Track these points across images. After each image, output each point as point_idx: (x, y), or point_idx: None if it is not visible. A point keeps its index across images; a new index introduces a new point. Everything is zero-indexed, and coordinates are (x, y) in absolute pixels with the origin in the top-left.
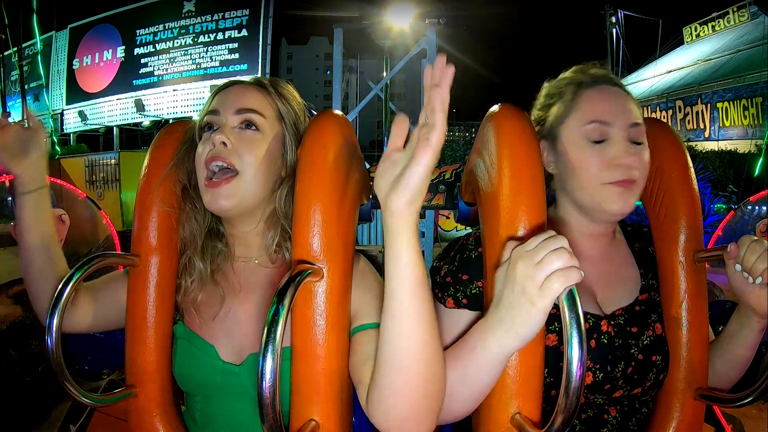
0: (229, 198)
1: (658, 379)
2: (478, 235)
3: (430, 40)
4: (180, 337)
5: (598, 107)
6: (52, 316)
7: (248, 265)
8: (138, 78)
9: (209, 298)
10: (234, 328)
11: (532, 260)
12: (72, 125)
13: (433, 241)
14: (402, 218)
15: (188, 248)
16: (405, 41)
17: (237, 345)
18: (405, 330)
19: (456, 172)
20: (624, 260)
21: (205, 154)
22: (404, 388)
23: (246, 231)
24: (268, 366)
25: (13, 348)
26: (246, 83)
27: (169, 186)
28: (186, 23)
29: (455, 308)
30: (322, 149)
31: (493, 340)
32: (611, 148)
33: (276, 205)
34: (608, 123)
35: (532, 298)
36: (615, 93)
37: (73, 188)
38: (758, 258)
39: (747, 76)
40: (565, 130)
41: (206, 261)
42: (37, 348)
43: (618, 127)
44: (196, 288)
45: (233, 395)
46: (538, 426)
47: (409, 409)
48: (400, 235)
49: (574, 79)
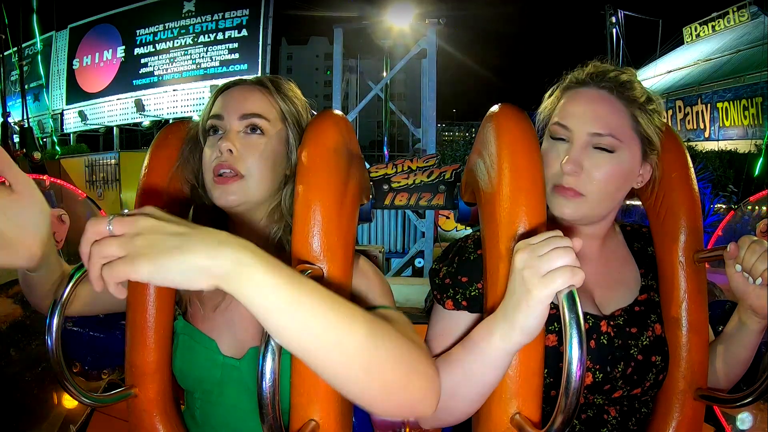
0: (237, 193)
1: (657, 380)
2: (477, 237)
3: (430, 40)
4: (180, 332)
5: (567, 109)
6: (52, 316)
7: None
8: (138, 78)
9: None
10: (235, 322)
11: (534, 252)
12: (72, 125)
13: (433, 242)
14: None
15: None
16: (405, 41)
17: (238, 339)
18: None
19: (456, 172)
20: (623, 261)
21: (212, 161)
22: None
23: (250, 225)
24: (268, 366)
25: (13, 348)
26: (248, 83)
27: (176, 185)
28: (186, 23)
29: (454, 310)
30: (322, 149)
31: (496, 335)
32: (563, 148)
33: (282, 202)
34: (567, 127)
35: (531, 288)
36: (592, 97)
37: (73, 188)
38: (758, 258)
39: (747, 76)
40: (547, 130)
41: None
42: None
43: (576, 133)
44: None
45: (233, 391)
46: (537, 426)
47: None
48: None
49: (563, 81)
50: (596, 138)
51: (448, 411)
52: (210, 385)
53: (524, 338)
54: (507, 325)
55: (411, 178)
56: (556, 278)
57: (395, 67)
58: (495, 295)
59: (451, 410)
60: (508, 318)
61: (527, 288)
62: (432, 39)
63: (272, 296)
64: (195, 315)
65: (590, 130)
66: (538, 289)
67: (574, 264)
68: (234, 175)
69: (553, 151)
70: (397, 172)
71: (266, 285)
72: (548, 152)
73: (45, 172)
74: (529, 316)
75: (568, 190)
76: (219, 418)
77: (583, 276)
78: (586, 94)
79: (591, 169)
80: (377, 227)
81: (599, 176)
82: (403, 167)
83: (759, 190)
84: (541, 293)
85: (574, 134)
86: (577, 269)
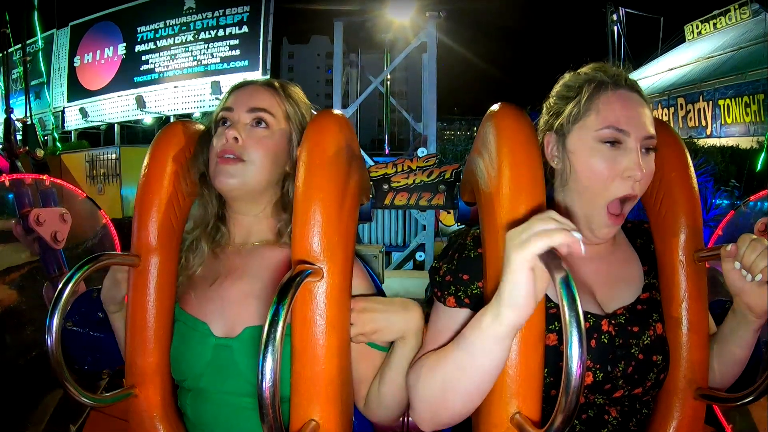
0: (235, 176)
1: (658, 379)
2: (476, 234)
3: (430, 33)
4: (176, 319)
5: (617, 112)
6: (52, 316)
7: (245, 247)
8: (139, 75)
9: (207, 272)
10: (227, 305)
11: (518, 229)
12: (73, 123)
13: (434, 235)
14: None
15: (197, 228)
16: (405, 35)
17: (229, 321)
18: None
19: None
20: (625, 259)
21: (218, 147)
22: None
23: (249, 216)
24: (268, 366)
25: (7, 333)
26: (258, 84)
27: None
28: (187, 20)
29: (456, 307)
30: (322, 149)
31: (488, 315)
32: (624, 157)
33: (283, 197)
34: (625, 131)
35: (509, 254)
36: (634, 100)
37: (73, 188)
38: (758, 255)
39: (749, 73)
40: (578, 130)
41: (209, 242)
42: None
43: (634, 138)
44: (197, 263)
45: (224, 376)
46: (537, 425)
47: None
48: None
49: (595, 77)
50: (648, 141)
51: (445, 408)
52: (199, 368)
53: (513, 313)
54: (496, 302)
55: (411, 177)
56: (533, 240)
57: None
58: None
59: (447, 407)
60: (497, 296)
61: (508, 255)
62: (432, 32)
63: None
64: (188, 300)
65: (646, 132)
66: (516, 252)
67: (551, 227)
68: (236, 159)
69: (605, 160)
70: (397, 171)
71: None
72: (599, 162)
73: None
74: (513, 285)
75: (634, 197)
76: (209, 414)
77: (565, 236)
78: (628, 97)
79: (645, 175)
80: (378, 220)
81: (647, 182)
82: (403, 167)
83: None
84: (519, 256)
85: (631, 138)
86: (557, 230)
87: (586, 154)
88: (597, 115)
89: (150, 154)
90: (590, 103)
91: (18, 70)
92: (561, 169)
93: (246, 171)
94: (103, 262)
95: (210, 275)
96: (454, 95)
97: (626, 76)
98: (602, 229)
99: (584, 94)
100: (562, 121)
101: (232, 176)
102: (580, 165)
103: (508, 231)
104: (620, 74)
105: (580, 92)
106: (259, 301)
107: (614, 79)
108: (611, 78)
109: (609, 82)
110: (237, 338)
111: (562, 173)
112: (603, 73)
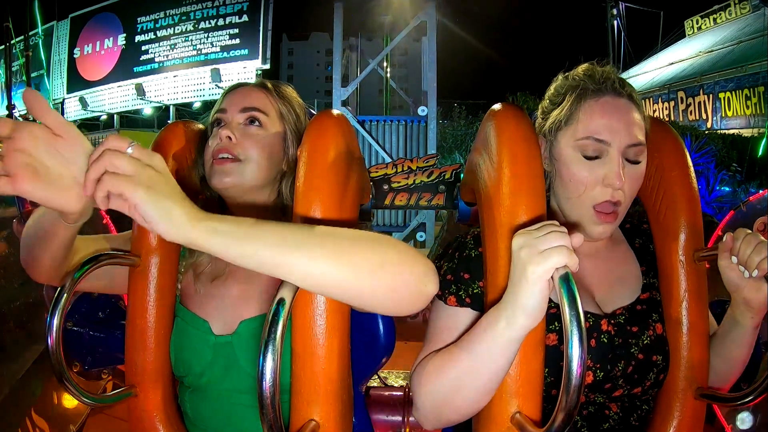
0: (232, 175)
1: (658, 379)
2: (476, 233)
3: (430, 13)
4: (175, 315)
5: (597, 122)
6: (52, 316)
7: None
8: (139, 65)
9: (210, 270)
10: (226, 303)
11: (531, 235)
12: (73, 113)
13: (434, 213)
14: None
15: None
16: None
17: (228, 318)
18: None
19: (456, 172)
20: (623, 259)
21: (213, 147)
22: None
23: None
24: (268, 366)
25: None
26: (251, 85)
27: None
28: (186, 9)
29: (457, 306)
30: (321, 149)
31: (502, 320)
32: (604, 166)
33: (280, 195)
34: (605, 141)
35: (528, 265)
36: (618, 106)
37: None
38: (754, 250)
39: (749, 66)
40: (562, 138)
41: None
42: (19, 287)
43: (615, 147)
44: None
45: (224, 371)
46: (538, 425)
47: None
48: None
49: (578, 84)
50: (632, 149)
51: (452, 408)
52: (200, 368)
53: (528, 320)
54: (510, 308)
55: (411, 178)
56: (552, 255)
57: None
58: (495, 293)
59: (455, 408)
60: (511, 302)
61: (524, 266)
62: (432, 13)
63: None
64: (188, 297)
65: (629, 141)
66: (535, 265)
67: (569, 247)
68: (231, 159)
69: (586, 169)
70: (397, 172)
71: (224, 226)
72: (580, 170)
73: None
74: (530, 295)
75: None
76: (209, 411)
77: (578, 261)
78: (612, 104)
79: (627, 182)
80: (377, 227)
81: (633, 187)
82: (403, 167)
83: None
84: (539, 268)
85: (612, 147)
86: (573, 254)
87: (569, 161)
88: (577, 125)
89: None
90: (571, 111)
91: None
92: (549, 173)
93: (241, 169)
94: (103, 262)
95: (212, 273)
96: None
97: (615, 78)
98: (593, 228)
99: (566, 102)
100: (550, 126)
101: (228, 175)
102: (563, 171)
103: (515, 234)
104: (608, 78)
105: (564, 99)
106: (259, 299)
107: (599, 85)
108: (596, 84)
109: (592, 89)
110: (235, 333)
111: (550, 177)
112: (589, 78)
